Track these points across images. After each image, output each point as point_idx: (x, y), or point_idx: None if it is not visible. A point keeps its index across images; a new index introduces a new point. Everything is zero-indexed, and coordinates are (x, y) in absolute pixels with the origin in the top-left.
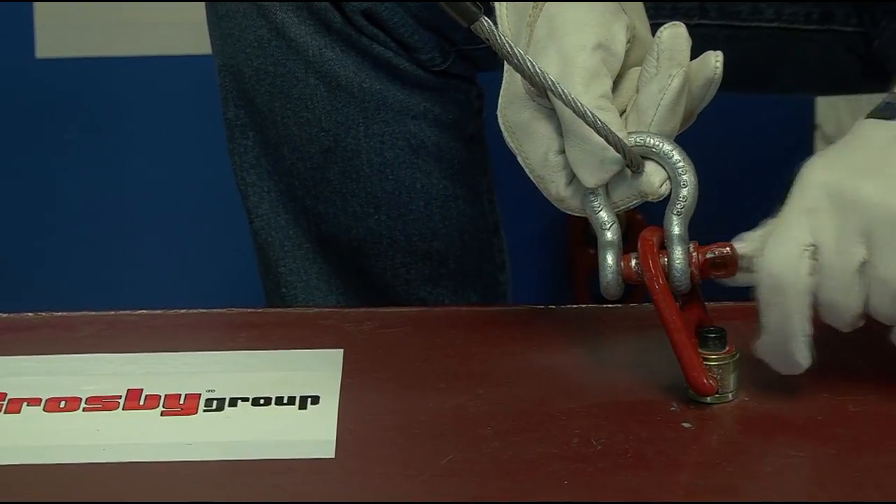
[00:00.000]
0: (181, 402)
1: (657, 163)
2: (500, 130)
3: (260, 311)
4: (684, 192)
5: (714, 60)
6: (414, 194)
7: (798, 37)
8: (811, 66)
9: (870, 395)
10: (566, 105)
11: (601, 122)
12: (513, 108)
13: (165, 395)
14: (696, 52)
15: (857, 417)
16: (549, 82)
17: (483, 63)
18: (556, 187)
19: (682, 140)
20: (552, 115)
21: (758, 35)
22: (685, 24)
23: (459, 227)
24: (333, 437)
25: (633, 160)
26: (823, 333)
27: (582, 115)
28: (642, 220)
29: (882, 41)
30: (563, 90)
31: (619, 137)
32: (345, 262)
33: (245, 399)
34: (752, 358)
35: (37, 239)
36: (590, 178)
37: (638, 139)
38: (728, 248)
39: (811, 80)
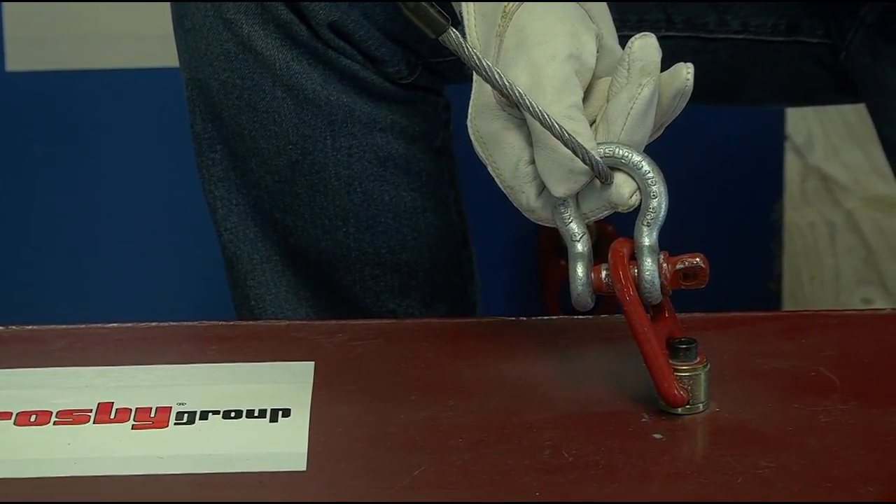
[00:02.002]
0: (152, 415)
1: (627, 174)
2: (470, 141)
3: (230, 323)
4: (654, 202)
5: (685, 72)
6: (382, 207)
7: (765, 48)
8: (779, 77)
9: (841, 406)
10: (534, 117)
11: (568, 134)
12: (483, 119)
13: (136, 409)
14: (663, 65)
15: (829, 428)
16: (517, 94)
17: (450, 75)
18: (526, 198)
19: (651, 151)
20: (523, 124)
21: (725, 47)
22: None
23: (428, 238)
24: (305, 450)
25: (602, 171)
26: (795, 346)
27: (549, 127)
28: (613, 231)
29: (848, 53)
30: (530, 101)
31: (586, 149)
32: (314, 275)
33: (216, 412)
34: (723, 369)
35: (6, 252)
36: (558, 189)
37: (607, 150)
38: (698, 259)
39: (779, 92)
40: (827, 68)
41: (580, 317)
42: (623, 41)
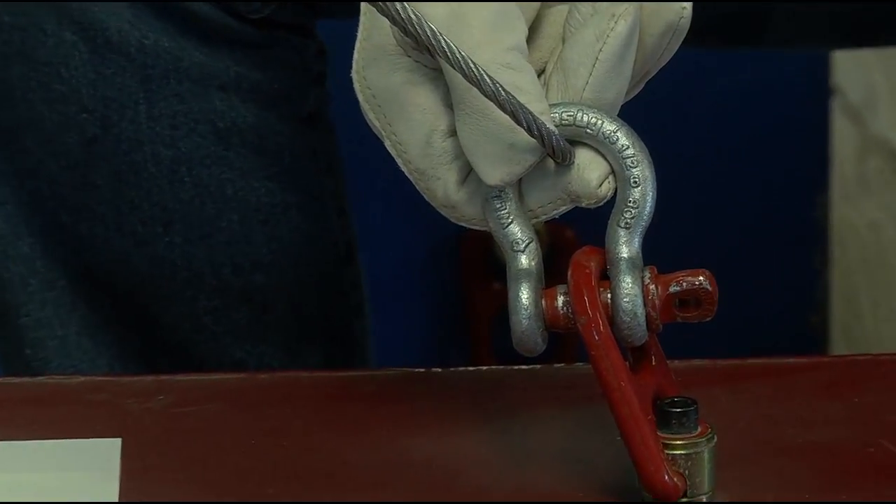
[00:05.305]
0: None
1: (594, 150)
2: (357, 103)
3: None
4: (635, 193)
5: None
6: (223, 204)
7: None
8: (816, 7)
9: None
10: (454, 66)
11: (506, 92)
12: (377, 69)
13: None
14: None
15: None
16: (428, 31)
17: (325, 6)
18: (443, 187)
19: (629, 116)
20: (438, 78)
21: None
22: None
23: (293, 252)
24: None
25: (558, 147)
26: (846, 409)
27: (477, 81)
28: (573, 236)
29: None
30: (448, 44)
31: (533, 113)
32: (120, 309)
33: None
34: (737, 443)
35: None
36: (493, 174)
37: (566, 114)
38: (702, 278)
39: (820, 29)
40: None
41: (524, 367)
42: None
